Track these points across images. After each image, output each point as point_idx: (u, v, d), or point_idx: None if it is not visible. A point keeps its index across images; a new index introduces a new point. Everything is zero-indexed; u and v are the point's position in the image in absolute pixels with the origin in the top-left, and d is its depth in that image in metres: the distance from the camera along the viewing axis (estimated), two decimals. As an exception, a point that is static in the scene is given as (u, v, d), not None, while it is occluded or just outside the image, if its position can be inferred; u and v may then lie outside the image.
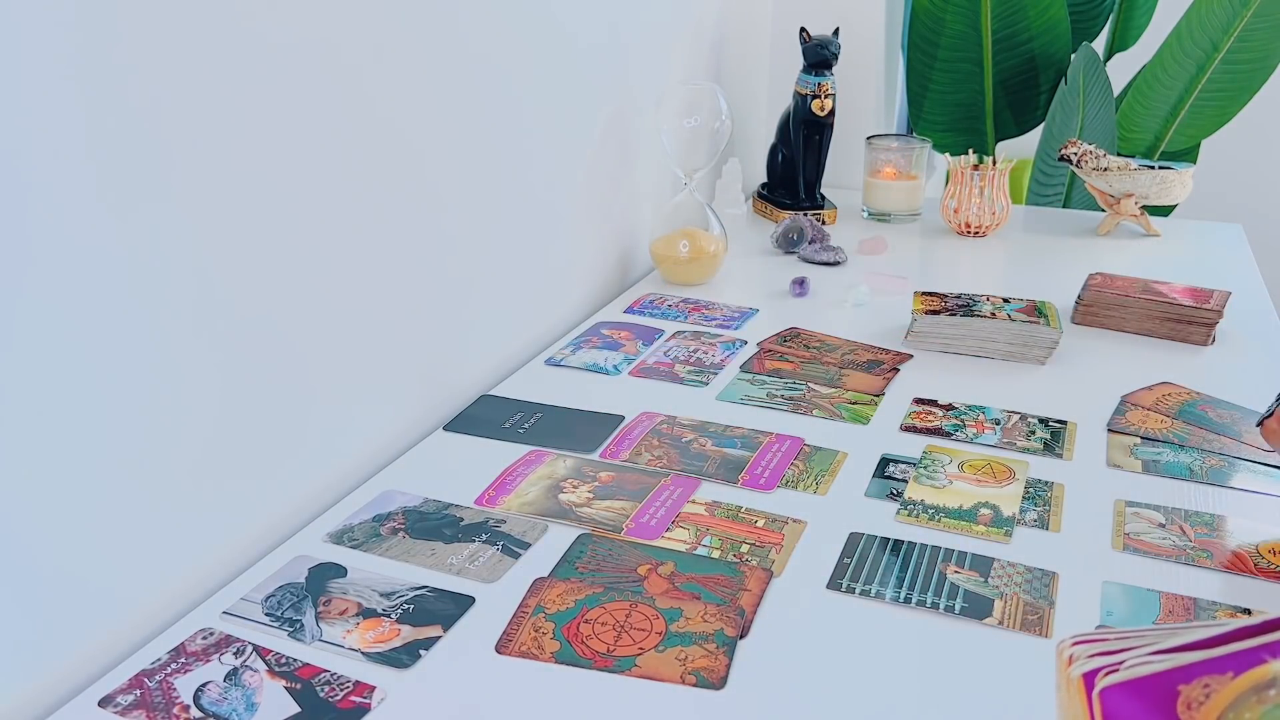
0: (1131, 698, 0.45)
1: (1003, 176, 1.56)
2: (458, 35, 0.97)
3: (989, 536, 0.81)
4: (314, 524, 0.83)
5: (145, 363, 0.68)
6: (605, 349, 1.17)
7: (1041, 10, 2.00)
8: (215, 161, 0.72)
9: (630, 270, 1.42)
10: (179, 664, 0.67)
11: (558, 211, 1.21)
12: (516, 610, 0.72)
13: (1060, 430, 0.98)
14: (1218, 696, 0.44)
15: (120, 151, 0.64)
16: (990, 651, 0.69)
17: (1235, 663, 0.44)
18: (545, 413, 1.02)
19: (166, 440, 0.71)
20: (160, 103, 0.67)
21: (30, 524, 0.63)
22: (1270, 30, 1.96)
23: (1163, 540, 0.80)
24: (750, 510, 0.84)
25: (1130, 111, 2.09)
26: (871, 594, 0.74)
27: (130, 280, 0.66)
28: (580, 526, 0.82)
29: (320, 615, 0.72)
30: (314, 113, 0.80)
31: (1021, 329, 1.13)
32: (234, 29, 0.71)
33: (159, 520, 0.72)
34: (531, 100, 1.11)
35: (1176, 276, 1.33)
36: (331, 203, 0.83)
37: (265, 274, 0.78)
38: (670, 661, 0.67)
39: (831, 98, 1.57)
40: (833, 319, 1.25)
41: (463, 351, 1.05)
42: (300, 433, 0.84)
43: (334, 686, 0.65)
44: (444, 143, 0.97)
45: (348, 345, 0.88)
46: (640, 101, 1.35)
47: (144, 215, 0.67)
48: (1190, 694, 0.44)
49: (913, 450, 0.94)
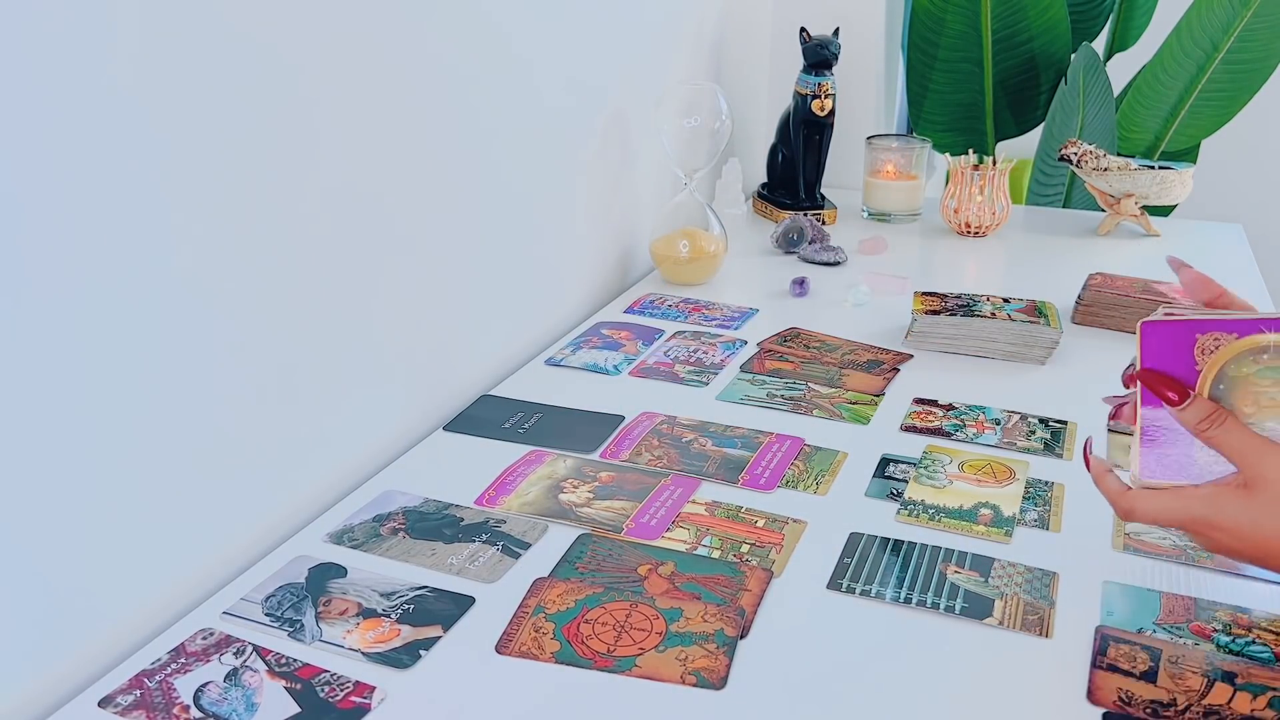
0: (1163, 335, 0.61)
1: (1003, 176, 1.56)
2: (458, 35, 0.97)
3: (989, 536, 0.81)
4: (314, 524, 0.83)
5: (145, 362, 0.68)
6: (605, 349, 1.17)
7: (1041, 10, 2.00)
8: (215, 161, 0.72)
9: (630, 270, 1.42)
10: (179, 664, 0.67)
11: (558, 211, 1.21)
12: (516, 610, 0.72)
13: (1060, 430, 0.98)
14: (1224, 349, 0.59)
15: (119, 151, 0.64)
16: (990, 651, 0.69)
17: (1240, 327, 0.59)
18: (545, 413, 1.02)
19: (166, 440, 0.71)
20: (160, 103, 0.67)
21: (30, 524, 0.63)
22: (1270, 30, 1.96)
23: (1163, 540, 0.80)
24: (750, 510, 0.84)
25: (1130, 111, 2.09)
26: (871, 594, 0.74)
27: (131, 280, 0.66)
28: (580, 526, 0.82)
29: (320, 615, 0.72)
30: (314, 113, 0.80)
31: (1022, 329, 1.13)
32: (234, 29, 0.71)
33: (159, 520, 0.71)
34: (531, 100, 1.11)
35: (1176, 277, 1.32)
36: (331, 203, 0.83)
37: (265, 274, 0.78)
38: (670, 661, 0.67)
39: (831, 98, 1.57)
40: (833, 319, 1.25)
41: (463, 351, 1.05)
42: (300, 432, 0.84)
43: (334, 687, 0.65)
44: (444, 143, 0.97)
45: (347, 345, 0.88)
46: (640, 102, 1.35)
47: (143, 215, 0.67)
48: (1204, 342, 0.60)
49: (913, 450, 0.94)
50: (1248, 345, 0.58)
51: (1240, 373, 0.58)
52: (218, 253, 0.73)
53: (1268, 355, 0.57)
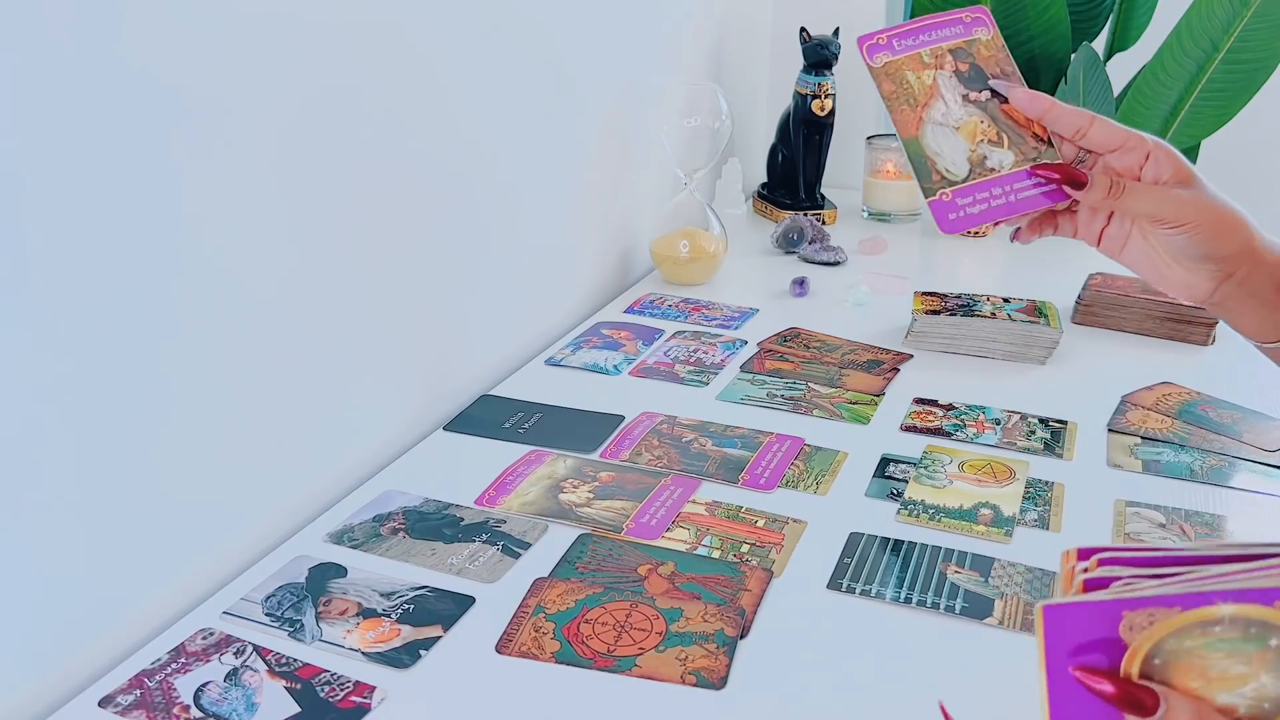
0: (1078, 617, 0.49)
1: (1003, 176, 1.56)
2: (458, 35, 0.97)
3: (989, 536, 0.81)
4: (314, 524, 0.83)
5: (145, 363, 0.68)
6: (605, 349, 1.17)
7: (1041, 10, 2.00)
8: (215, 160, 0.72)
9: (630, 270, 1.42)
10: (179, 664, 0.67)
11: (558, 211, 1.21)
12: (517, 610, 0.72)
13: (1060, 430, 0.98)
14: (1161, 624, 0.48)
15: (117, 151, 0.64)
16: (990, 651, 0.69)
17: (1184, 601, 0.48)
18: (545, 413, 1.02)
19: (166, 440, 0.71)
20: (159, 104, 0.67)
21: (30, 524, 0.63)
22: (1270, 30, 1.96)
23: (1163, 540, 0.80)
24: (750, 510, 0.84)
25: (1130, 111, 2.09)
26: (872, 594, 0.74)
27: (130, 280, 0.66)
28: (580, 526, 0.82)
29: (320, 615, 0.72)
30: (314, 113, 0.80)
31: (1022, 329, 1.13)
32: (235, 29, 0.71)
33: (159, 520, 0.71)
34: (532, 100, 1.11)
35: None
36: (331, 203, 0.83)
37: (265, 274, 0.78)
38: (670, 661, 0.67)
39: (831, 98, 1.57)
40: (833, 319, 1.25)
41: (463, 351, 1.05)
42: (300, 432, 0.84)
43: (334, 686, 0.65)
44: (444, 143, 0.97)
45: (348, 345, 0.88)
46: (640, 102, 1.35)
47: (143, 212, 0.67)
48: (1134, 619, 0.48)
49: (913, 450, 0.94)
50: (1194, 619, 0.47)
51: (1182, 646, 0.48)
52: (217, 255, 0.73)
53: (1220, 628, 0.47)
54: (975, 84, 0.70)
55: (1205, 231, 0.65)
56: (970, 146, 0.69)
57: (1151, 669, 0.49)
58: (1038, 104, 0.68)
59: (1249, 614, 0.46)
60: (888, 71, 0.70)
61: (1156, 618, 0.48)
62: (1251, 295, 0.66)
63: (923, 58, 0.70)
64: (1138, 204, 0.65)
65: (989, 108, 0.70)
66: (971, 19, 0.71)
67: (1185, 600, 0.48)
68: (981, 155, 0.69)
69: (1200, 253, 0.65)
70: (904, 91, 0.69)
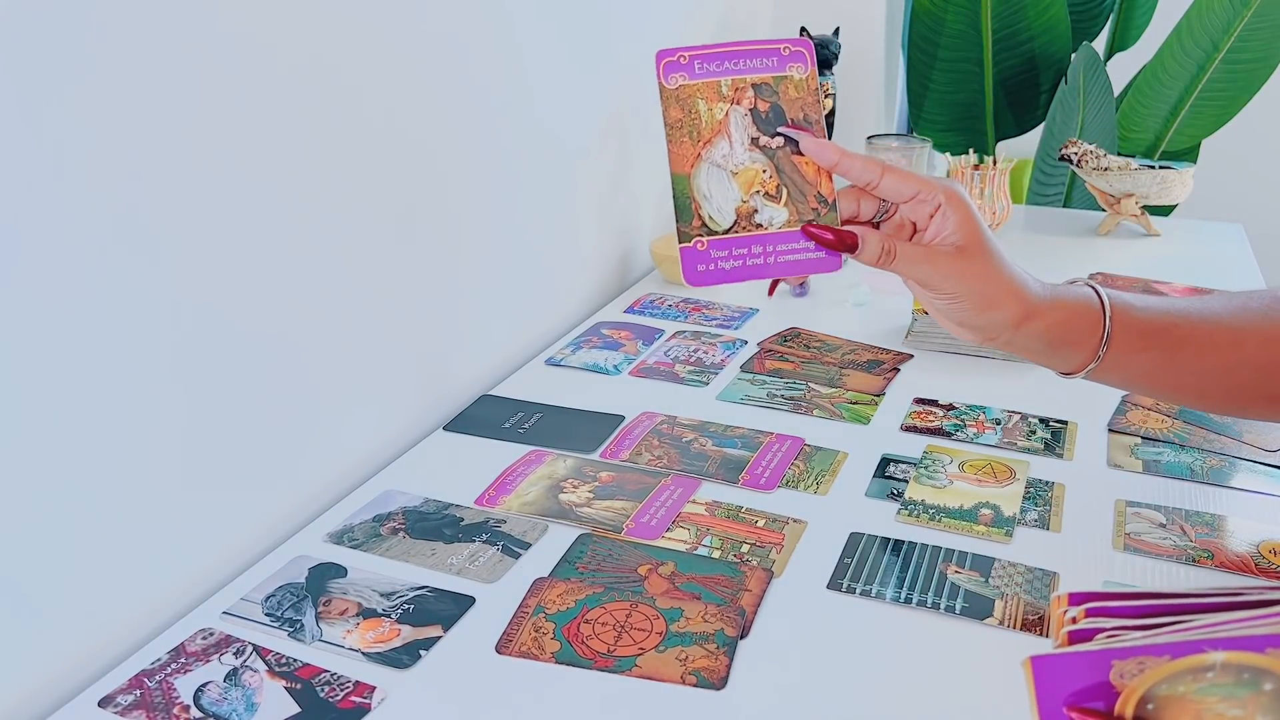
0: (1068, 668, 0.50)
1: (1003, 176, 1.56)
2: (457, 36, 0.97)
3: (989, 536, 0.81)
4: (314, 524, 0.83)
5: (145, 362, 0.68)
6: (605, 349, 1.17)
7: (1041, 10, 2.00)
8: (214, 162, 0.72)
9: (630, 270, 1.42)
10: (179, 664, 0.67)
11: (558, 212, 1.21)
12: (517, 610, 0.72)
13: (1061, 430, 0.98)
14: (1152, 672, 0.49)
15: (115, 151, 0.64)
16: (990, 651, 0.68)
17: (1173, 650, 0.48)
18: (545, 413, 1.02)
19: (167, 440, 0.71)
20: (158, 104, 0.67)
21: (30, 524, 0.63)
22: (1270, 30, 1.96)
23: (1163, 540, 0.80)
24: (750, 510, 0.84)
25: (1130, 111, 2.09)
26: (872, 594, 0.74)
27: (130, 281, 0.66)
28: (580, 526, 0.82)
29: (320, 615, 0.72)
30: (314, 114, 0.80)
31: (1022, 329, 1.13)
32: (233, 30, 0.71)
33: (159, 520, 0.71)
34: (531, 100, 1.11)
35: (1176, 276, 1.33)
36: (331, 203, 0.83)
37: (265, 274, 0.78)
38: (670, 661, 0.67)
39: (831, 98, 1.57)
40: (833, 319, 1.25)
41: (463, 351, 1.05)
42: (300, 433, 0.84)
43: (334, 687, 0.65)
44: (443, 143, 0.97)
45: (348, 345, 0.88)
46: (640, 101, 1.35)
47: (139, 215, 0.67)
48: (1124, 667, 0.49)
49: (913, 450, 0.94)
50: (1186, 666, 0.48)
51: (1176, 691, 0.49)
52: (217, 254, 0.73)
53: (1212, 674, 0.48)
54: (770, 126, 0.64)
55: (968, 304, 0.65)
56: (743, 196, 0.65)
57: (1146, 713, 0.49)
58: (827, 154, 0.64)
59: (1241, 660, 0.47)
60: (679, 96, 0.63)
61: (1147, 665, 0.49)
62: (1024, 349, 0.68)
63: (720, 88, 0.64)
64: (907, 270, 0.65)
65: (777, 156, 0.65)
66: (790, 52, 0.64)
67: (1175, 649, 0.48)
68: (752, 208, 0.65)
69: (958, 320, 0.66)
70: (690, 121, 0.64)
